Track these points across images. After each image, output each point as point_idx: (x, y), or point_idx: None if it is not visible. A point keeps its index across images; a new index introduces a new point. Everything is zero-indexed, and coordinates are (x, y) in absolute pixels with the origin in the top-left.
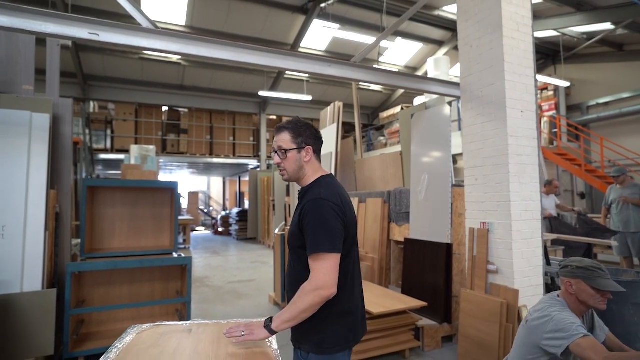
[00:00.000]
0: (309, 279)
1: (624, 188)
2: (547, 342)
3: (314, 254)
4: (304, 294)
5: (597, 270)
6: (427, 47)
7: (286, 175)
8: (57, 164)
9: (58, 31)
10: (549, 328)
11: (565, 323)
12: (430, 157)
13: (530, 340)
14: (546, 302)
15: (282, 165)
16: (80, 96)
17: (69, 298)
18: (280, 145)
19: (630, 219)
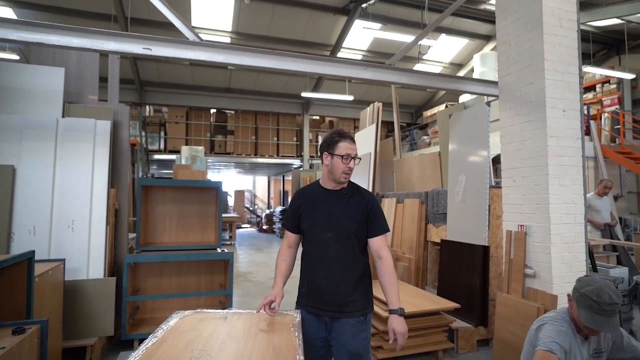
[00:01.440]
0: (386, 254)
1: None
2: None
3: (384, 233)
4: (391, 266)
5: (589, 302)
6: (474, 43)
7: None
8: (116, 165)
9: (117, 48)
10: (538, 335)
11: (544, 334)
12: (468, 158)
13: (529, 346)
14: (551, 313)
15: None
16: (137, 101)
17: (125, 286)
18: (356, 153)
19: None
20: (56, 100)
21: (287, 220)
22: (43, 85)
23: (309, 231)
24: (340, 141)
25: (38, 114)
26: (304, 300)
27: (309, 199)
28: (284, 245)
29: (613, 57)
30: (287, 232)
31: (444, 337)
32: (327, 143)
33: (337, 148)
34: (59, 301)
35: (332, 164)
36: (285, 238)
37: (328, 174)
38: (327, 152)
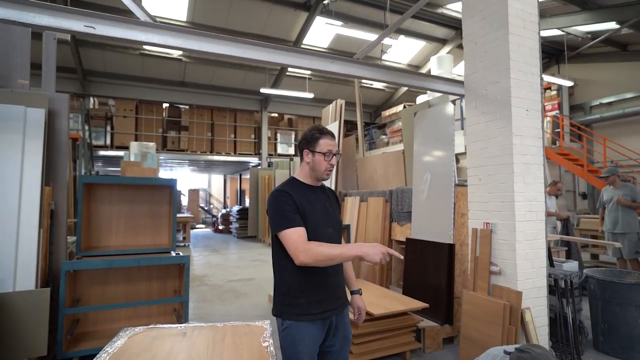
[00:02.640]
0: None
1: (616, 188)
2: None
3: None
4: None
5: None
6: (430, 45)
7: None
8: (53, 160)
9: (53, 23)
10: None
11: None
12: (433, 156)
13: None
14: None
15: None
16: (80, 92)
17: (63, 297)
18: (337, 150)
19: (618, 220)
20: None
21: (290, 218)
22: None
23: (315, 230)
24: (320, 138)
25: None
26: (305, 311)
27: (302, 197)
28: (306, 241)
29: (553, 66)
30: (295, 229)
31: (411, 338)
32: (307, 140)
33: (318, 145)
34: None
35: (313, 161)
36: (300, 235)
37: (310, 172)
38: (308, 149)
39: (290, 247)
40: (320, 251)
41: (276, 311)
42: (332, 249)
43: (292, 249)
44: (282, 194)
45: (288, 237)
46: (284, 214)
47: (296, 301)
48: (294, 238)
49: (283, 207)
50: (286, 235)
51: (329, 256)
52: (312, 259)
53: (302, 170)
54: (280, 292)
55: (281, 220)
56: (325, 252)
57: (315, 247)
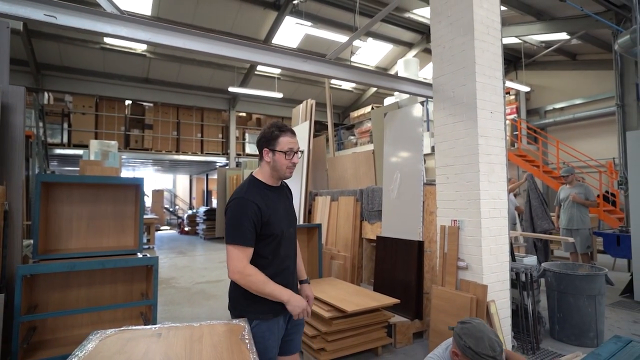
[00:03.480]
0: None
1: (572, 187)
2: None
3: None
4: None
5: (488, 359)
6: (398, 49)
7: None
8: (7, 158)
9: (8, 10)
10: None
11: None
12: (402, 156)
13: None
14: (437, 353)
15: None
16: (33, 86)
17: (18, 304)
18: (298, 147)
19: (574, 216)
20: None
21: (243, 234)
22: None
23: (282, 234)
24: (280, 136)
25: None
26: (271, 309)
27: (266, 202)
28: (247, 264)
29: (511, 72)
30: (244, 249)
31: (383, 333)
32: (266, 138)
33: (278, 144)
34: None
35: (274, 160)
36: (245, 256)
37: (271, 172)
38: (268, 148)
39: (230, 263)
40: (255, 283)
41: (238, 312)
42: (265, 287)
43: (232, 265)
44: (249, 204)
45: (234, 253)
46: (240, 227)
47: (261, 301)
48: (240, 256)
49: (242, 219)
50: (233, 250)
51: (258, 290)
52: (244, 284)
53: (263, 170)
54: (239, 293)
55: (235, 233)
56: (259, 286)
57: (254, 277)
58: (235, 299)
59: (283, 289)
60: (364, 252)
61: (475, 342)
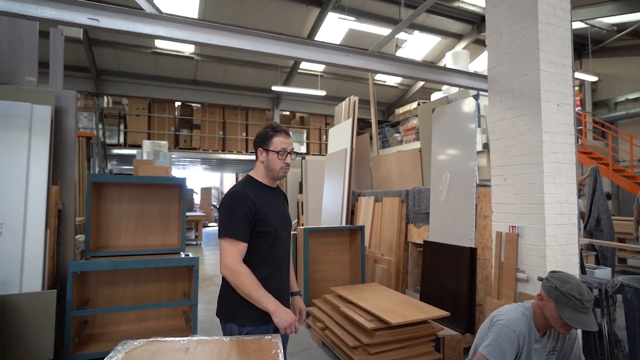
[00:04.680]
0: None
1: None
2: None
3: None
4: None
5: (573, 300)
6: (446, 41)
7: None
8: (60, 159)
9: (55, 16)
10: (488, 336)
11: (494, 338)
12: (452, 154)
13: (479, 339)
14: (510, 312)
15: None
16: (94, 91)
17: (70, 299)
18: (292, 148)
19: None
20: None
21: (237, 228)
22: None
23: (276, 234)
24: (274, 136)
25: None
26: (259, 317)
27: (262, 199)
28: (239, 261)
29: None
30: (237, 243)
31: (430, 347)
32: (260, 138)
33: (271, 144)
34: None
35: (268, 160)
36: (238, 252)
37: (266, 171)
38: (262, 148)
39: (222, 258)
40: (245, 283)
41: (226, 315)
42: (254, 291)
43: (223, 260)
44: (243, 198)
45: (226, 248)
46: (234, 220)
47: (251, 307)
48: (232, 252)
49: (236, 213)
50: (226, 244)
51: (246, 292)
52: (233, 282)
53: (258, 170)
54: (229, 297)
55: (228, 226)
56: (248, 288)
57: (244, 277)
58: (224, 303)
59: (271, 299)
60: (409, 257)
61: (561, 283)
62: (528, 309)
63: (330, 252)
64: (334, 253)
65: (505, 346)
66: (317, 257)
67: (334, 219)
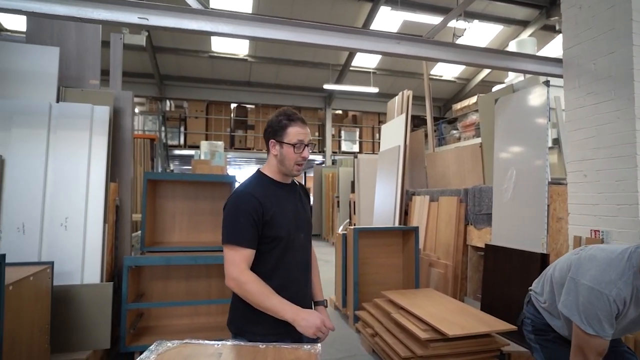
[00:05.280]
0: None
1: None
2: (562, 307)
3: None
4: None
5: None
6: (509, 29)
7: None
8: (118, 157)
9: (109, 17)
10: (581, 294)
11: (594, 313)
12: (519, 149)
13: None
14: (614, 262)
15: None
16: (157, 95)
17: (125, 292)
18: (310, 139)
19: None
20: (50, 83)
21: (241, 233)
22: (36, 66)
23: (289, 237)
24: (289, 126)
25: (30, 98)
26: (270, 329)
27: (271, 198)
28: (244, 269)
29: None
30: (241, 250)
31: None
32: (273, 128)
33: (286, 135)
34: (44, 310)
35: (281, 154)
36: (242, 259)
37: (278, 166)
38: (275, 139)
39: (226, 268)
40: (253, 292)
41: (234, 329)
42: (266, 299)
43: (227, 271)
44: (248, 198)
45: (229, 256)
46: (237, 224)
47: (263, 319)
48: (236, 260)
49: (240, 216)
50: (228, 252)
51: (256, 302)
52: (240, 293)
53: (269, 164)
54: (241, 309)
55: (230, 232)
56: (257, 297)
57: (251, 285)
58: (233, 315)
59: (287, 304)
60: (469, 262)
61: None
62: (634, 274)
63: (381, 253)
64: (385, 255)
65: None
66: (367, 259)
67: (386, 219)
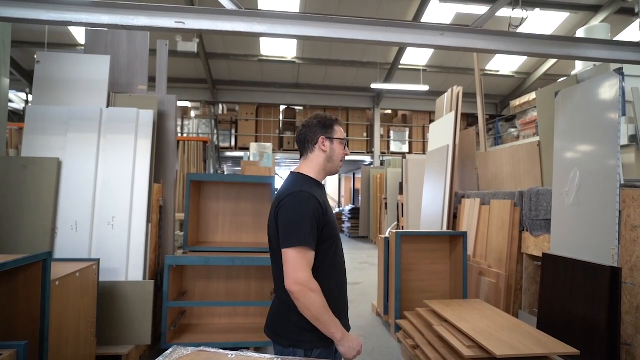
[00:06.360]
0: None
1: None
2: None
3: None
4: None
5: None
6: (576, 16)
7: None
8: (162, 158)
9: (148, 23)
10: None
11: None
12: (584, 148)
13: None
14: None
15: None
16: (210, 99)
17: (166, 290)
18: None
19: None
20: (101, 89)
21: (307, 236)
22: (90, 74)
23: (338, 241)
24: (335, 124)
25: (84, 104)
26: (326, 337)
27: (324, 198)
28: (311, 276)
29: None
30: (308, 252)
31: None
32: (322, 126)
33: (334, 131)
34: (90, 305)
35: (332, 150)
36: (308, 264)
37: (325, 164)
38: (325, 136)
39: (290, 271)
40: (317, 304)
41: (290, 341)
42: (326, 313)
43: (292, 274)
44: (310, 199)
45: (295, 259)
46: (302, 226)
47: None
48: (303, 265)
49: (303, 217)
50: (295, 254)
51: (316, 314)
52: (303, 301)
53: (312, 163)
54: (297, 320)
55: (297, 232)
56: (320, 309)
57: (318, 296)
58: (286, 326)
59: (339, 324)
60: (524, 272)
61: None
62: None
63: (426, 259)
64: (430, 261)
65: None
66: (411, 265)
67: (434, 222)
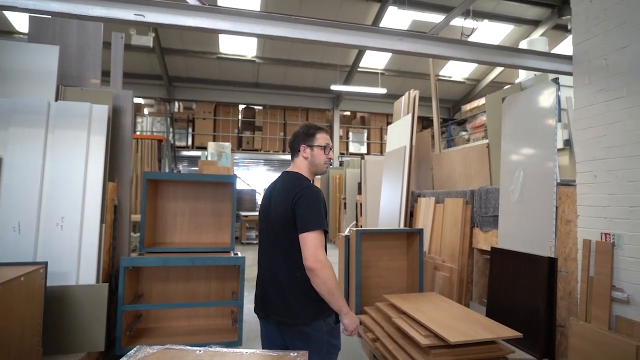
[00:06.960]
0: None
1: None
2: None
3: None
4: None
5: None
6: (520, 29)
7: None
8: (118, 156)
9: (105, 14)
10: None
11: None
12: (526, 150)
13: None
14: None
15: None
16: (166, 97)
17: (121, 293)
18: (332, 145)
19: None
20: (49, 82)
21: (323, 219)
22: (36, 65)
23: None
24: (317, 132)
25: (29, 97)
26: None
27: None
28: (325, 256)
29: None
30: (324, 236)
31: None
32: (303, 136)
33: (315, 139)
34: (36, 311)
35: (312, 156)
36: (323, 246)
37: (310, 167)
38: (305, 144)
39: (313, 250)
40: (333, 278)
41: (311, 317)
42: (337, 286)
43: (315, 253)
44: (320, 193)
45: (317, 240)
46: (320, 213)
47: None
48: (321, 244)
49: (321, 206)
50: (317, 236)
51: (330, 288)
52: (321, 276)
53: (300, 167)
54: (312, 297)
55: (318, 218)
56: (334, 283)
57: (332, 272)
58: (306, 301)
59: (344, 302)
60: (474, 265)
61: None
62: None
63: (385, 256)
64: (389, 258)
65: None
66: (370, 262)
67: (392, 220)
